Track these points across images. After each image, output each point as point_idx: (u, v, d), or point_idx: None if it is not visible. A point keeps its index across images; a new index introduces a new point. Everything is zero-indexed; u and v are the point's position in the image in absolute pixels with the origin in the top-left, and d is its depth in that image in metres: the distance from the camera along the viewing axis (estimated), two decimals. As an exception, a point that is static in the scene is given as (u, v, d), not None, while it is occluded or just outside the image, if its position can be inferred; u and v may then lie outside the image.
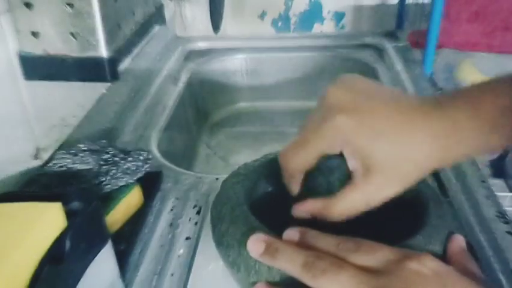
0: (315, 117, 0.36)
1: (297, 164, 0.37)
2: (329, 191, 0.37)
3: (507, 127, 0.31)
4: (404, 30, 1.13)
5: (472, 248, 0.45)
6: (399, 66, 0.95)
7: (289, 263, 0.32)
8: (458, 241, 0.35)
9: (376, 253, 0.31)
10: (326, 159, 0.36)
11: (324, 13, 1.16)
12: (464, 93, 0.33)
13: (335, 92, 0.35)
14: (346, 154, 0.35)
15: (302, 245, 0.33)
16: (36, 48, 0.55)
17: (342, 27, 1.17)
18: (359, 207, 0.35)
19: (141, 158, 0.57)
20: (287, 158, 0.37)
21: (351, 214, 0.36)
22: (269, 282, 0.33)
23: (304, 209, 0.38)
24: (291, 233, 0.34)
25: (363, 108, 0.33)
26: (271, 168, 0.44)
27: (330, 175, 0.37)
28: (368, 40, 1.11)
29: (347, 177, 0.36)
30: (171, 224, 0.52)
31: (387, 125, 0.33)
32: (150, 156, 0.59)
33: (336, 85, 0.36)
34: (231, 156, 1.01)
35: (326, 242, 0.32)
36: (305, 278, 0.30)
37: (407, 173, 0.34)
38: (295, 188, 0.39)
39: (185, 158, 0.92)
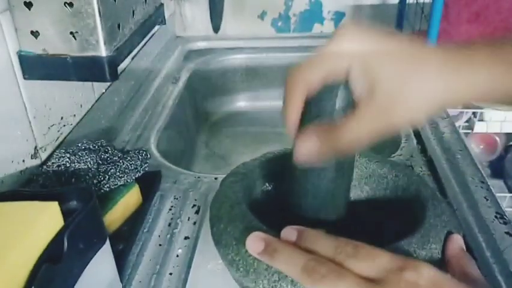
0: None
1: (302, 81, 0.35)
2: (332, 119, 0.35)
3: None
4: (404, 30, 1.13)
5: (470, 248, 0.45)
6: (399, 66, 0.95)
7: (289, 265, 0.31)
8: (457, 241, 0.35)
9: (374, 260, 0.30)
10: (328, 87, 0.34)
11: (324, 13, 1.16)
12: (483, 40, 0.32)
13: (346, 27, 0.35)
14: (352, 74, 0.33)
15: (300, 245, 0.33)
16: (35, 48, 0.55)
17: (342, 27, 1.17)
18: (365, 134, 0.33)
19: (140, 157, 0.57)
20: (293, 77, 0.36)
21: (357, 142, 0.34)
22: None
23: (309, 138, 0.35)
24: (289, 232, 0.34)
25: (373, 38, 0.34)
26: (270, 167, 0.44)
27: (333, 101, 0.35)
28: (368, 40, 1.11)
29: (350, 106, 0.34)
30: (170, 224, 0.52)
31: (396, 52, 0.33)
32: (149, 156, 0.59)
33: (347, 24, 0.35)
34: (230, 156, 1.01)
35: (324, 244, 0.32)
36: (304, 282, 0.30)
37: (411, 100, 0.32)
38: (292, 112, 0.36)
39: (184, 157, 0.92)
